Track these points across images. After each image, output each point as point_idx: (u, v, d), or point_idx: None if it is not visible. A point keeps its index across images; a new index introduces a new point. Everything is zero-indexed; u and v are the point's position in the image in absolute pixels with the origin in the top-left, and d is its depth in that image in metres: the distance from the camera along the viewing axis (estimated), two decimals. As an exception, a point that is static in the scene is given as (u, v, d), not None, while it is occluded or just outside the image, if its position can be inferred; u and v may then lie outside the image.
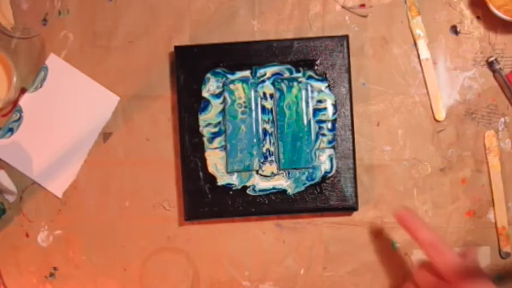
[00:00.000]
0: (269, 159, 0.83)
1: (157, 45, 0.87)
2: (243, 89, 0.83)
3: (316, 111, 0.83)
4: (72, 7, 0.87)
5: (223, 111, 0.83)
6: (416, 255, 0.86)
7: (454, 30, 0.86)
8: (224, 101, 0.83)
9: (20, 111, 0.87)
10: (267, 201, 0.83)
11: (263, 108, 0.83)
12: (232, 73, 0.83)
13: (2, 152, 0.87)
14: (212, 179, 0.83)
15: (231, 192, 0.83)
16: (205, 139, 0.83)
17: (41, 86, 0.87)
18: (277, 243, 0.87)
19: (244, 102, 0.83)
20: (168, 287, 0.87)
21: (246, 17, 0.87)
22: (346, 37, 0.83)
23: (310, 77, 0.83)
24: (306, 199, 0.83)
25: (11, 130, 0.87)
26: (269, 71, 0.83)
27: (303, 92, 0.83)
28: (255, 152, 0.83)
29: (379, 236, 0.86)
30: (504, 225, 0.85)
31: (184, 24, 0.87)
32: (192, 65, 0.83)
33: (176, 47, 0.84)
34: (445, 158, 0.86)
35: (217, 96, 0.83)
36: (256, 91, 0.83)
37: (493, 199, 0.85)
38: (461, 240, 0.86)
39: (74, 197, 0.87)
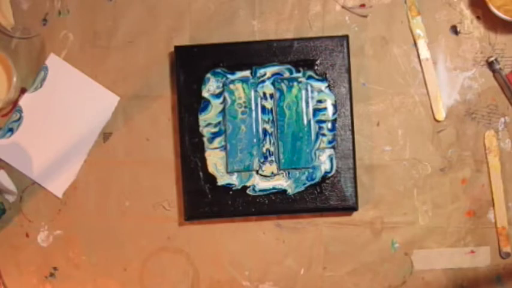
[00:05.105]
0: (269, 159, 0.83)
1: (157, 45, 0.87)
2: (243, 89, 0.83)
3: (316, 111, 0.83)
4: (72, 7, 0.87)
5: (223, 111, 0.83)
6: (416, 255, 0.86)
7: (454, 30, 0.86)
8: (224, 101, 0.83)
9: (20, 111, 0.87)
10: (267, 201, 0.83)
11: (263, 108, 0.83)
12: (232, 73, 0.83)
13: (2, 152, 0.87)
14: (212, 179, 0.83)
15: (231, 192, 0.83)
16: (205, 139, 0.83)
17: (41, 86, 0.87)
18: (277, 243, 0.87)
19: (244, 102, 0.83)
20: (168, 287, 0.87)
21: (246, 17, 0.87)
22: (346, 37, 0.83)
23: (310, 77, 0.83)
24: (306, 199, 0.83)
25: (11, 130, 0.87)
26: (269, 71, 0.83)
27: (303, 92, 0.83)
28: (255, 152, 0.83)
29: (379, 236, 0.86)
30: (504, 225, 0.85)
31: (184, 24, 0.87)
32: (192, 65, 0.83)
33: (176, 47, 0.84)
34: (445, 158, 0.86)
35: (217, 96, 0.83)
36: (256, 91, 0.83)
37: (493, 199, 0.85)
38: (461, 240, 0.86)
39: (74, 197, 0.87)
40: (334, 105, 0.83)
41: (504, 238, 0.85)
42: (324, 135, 0.83)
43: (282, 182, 0.83)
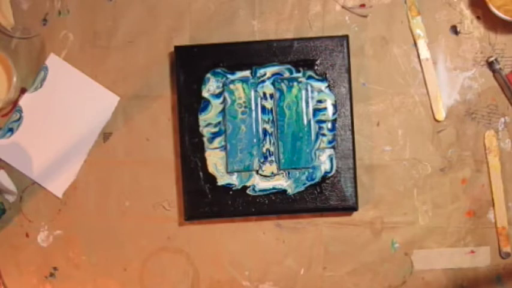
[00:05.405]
0: (269, 159, 0.83)
1: (157, 45, 0.87)
2: (243, 89, 0.83)
3: (316, 111, 0.83)
4: (72, 7, 0.87)
5: (223, 111, 0.83)
6: (416, 255, 0.86)
7: (454, 30, 0.86)
8: (224, 101, 0.83)
9: (20, 111, 0.87)
10: (267, 201, 0.83)
11: (263, 108, 0.83)
12: (232, 73, 0.83)
13: (2, 152, 0.87)
14: (212, 179, 0.83)
15: (231, 192, 0.83)
16: (205, 139, 0.83)
17: (41, 86, 0.87)
18: (277, 243, 0.87)
19: (244, 102, 0.83)
20: (168, 287, 0.87)
21: (246, 17, 0.87)
22: (346, 37, 0.83)
23: (310, 77, 0.83)
24: (306, 199, 0.83)
25: (11, 130, 0.87)
26: (269, 71, 0.83)
27: (303, 92, 0.83)
28: (255, 152, 0.83)
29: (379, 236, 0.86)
30: (504, 225, 0.85)
31: (184, 24, 0.87)
32: (192, 65, 0.83)
33: (176, 47, 0.84)
34: (445, 158, 0.86)
35: (217, 96, 0.83)
36: (256, 91, 0.83)
37: (493, 199, 0.85)
38: (461, 240, 0.86)
39: (74, 197, 0.87)
40: (334, 105, 0.83)
41: (504, 238, 0.85)
42: (324, 135, 0.83)
43: (282, 182, 0.83)
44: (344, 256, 0.86)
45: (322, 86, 0.83)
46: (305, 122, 0.83)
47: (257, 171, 0.83)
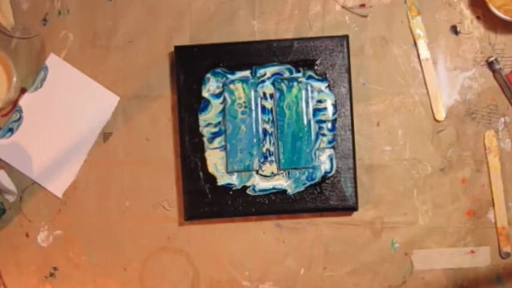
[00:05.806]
0: (269, 159, 0.83)
1: (157, 45, 0.87)
2: (243, 89, 0.83)
3: (316, 111, 0.83)
4: (72, 7, 0.87)
5: (223, 111, 0.83)
6: (416, 255, 0.86)
7: (454, 30, 0.86)
8: (224, 101, 0.83)
9: (20, 111, 0.87)
10: (267, 201, 0.83)
11: (263, 108, 0.83)
12: (232, 73, 0.83)
13: (2, 152, 0.87)
14: (212, 179, 0.83)
15: (231, 192, 0.83)
16: (205, 139, 0.83)
17: (41, 86, 0.87)
18: (277, 243, 0.87)
19: (244, 102, 0.83)
20: (168, 287, 0.87)
21: (246, 17, 0.87)
22: (346, 37, 0.83)
23: (310, 77, 0.83)
24: (306, 199, 0.83)
25: (11, 130, 0.87)
26: (269, 71, 0.83)
27: (303, 92, 0.83)
28: (255, 152, 0.83)
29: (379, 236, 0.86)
30: (504, 225, 0.85)
31: (184, 24, 0.87)
32: (192, 65, 0.83)
33: (176, 47, 0.84)
34: (445, 158, 0.86)
35: (217, 96, 0.83)
36: (256, 91, 0.83)
37: (493, 199, 0.85)
38: (461, 240, 0.86)
39: (74, 197, 0.87)
40: (334, 105, 0.83)
41: (504, 238, 0.85)
42: (324, 135, 0.83)
43: (282, 182, 0.83)
44: (344, 256, 0.86)
45: (322, 86, 0.83)
46: (305, 122, 0.83)
47: (257, 171, 0.83)
